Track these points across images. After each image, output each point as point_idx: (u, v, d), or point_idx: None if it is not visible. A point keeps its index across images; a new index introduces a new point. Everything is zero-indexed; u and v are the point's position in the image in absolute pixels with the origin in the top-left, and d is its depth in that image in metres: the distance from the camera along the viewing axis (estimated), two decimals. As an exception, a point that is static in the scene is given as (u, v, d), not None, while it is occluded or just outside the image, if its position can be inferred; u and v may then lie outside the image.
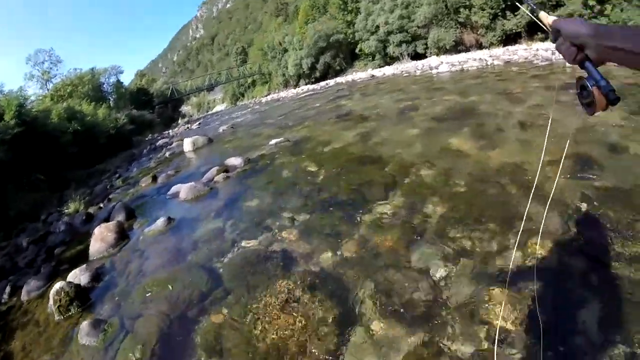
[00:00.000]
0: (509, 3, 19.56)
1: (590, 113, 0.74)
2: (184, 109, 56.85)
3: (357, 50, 31.21)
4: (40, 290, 3.55)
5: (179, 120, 43.88)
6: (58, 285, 2.99)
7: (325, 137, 6.70)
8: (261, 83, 48.40)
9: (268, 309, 2.17)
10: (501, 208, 2.69)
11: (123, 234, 4.25)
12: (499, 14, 20.92)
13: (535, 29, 18.94)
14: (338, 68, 33.89)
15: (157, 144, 16.50)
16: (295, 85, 37.81)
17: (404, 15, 25.24)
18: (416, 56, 25.49)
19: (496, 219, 2.55)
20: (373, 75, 23.23)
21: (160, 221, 4.16)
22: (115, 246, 4.03)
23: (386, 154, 4.67)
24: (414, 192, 3.30)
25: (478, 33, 22.52)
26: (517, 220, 2.46)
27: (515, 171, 3.28)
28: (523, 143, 4.01)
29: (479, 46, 22.39)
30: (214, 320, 2.26)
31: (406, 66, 22.67)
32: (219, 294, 2.51)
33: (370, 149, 5.17)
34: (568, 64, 0.77)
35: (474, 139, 4.49)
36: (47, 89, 30.60)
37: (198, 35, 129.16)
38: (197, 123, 27.77)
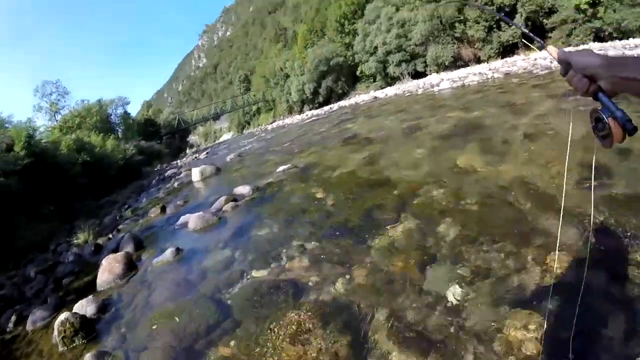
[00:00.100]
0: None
1: (607, 145, 0.71)
2: (192, 138, 57.98)
3: (358, 73, 31.70)
4: (46, 321, 3.53)
5: (186, 150, 44.68)
6: (63, 316, 2.96)
7: (333, 162, 6.70)
8: (266, 110, 49.27)
9: (278, 341, 2.09)
10: (515, 225, 2.61)
11: (131, 265, 4.23)
12: (494, 26, 21.17)
13: (531, 39, 19.12)
14: (340, 91, 34.35)
15: (166, 174, 16.69)
16: (300, 111, 38.39)
17: (401, 34, 25.62)
18: (416, 75, 25.86)
19: (510, 236, 2.47)
20: (376, 97, 23.50)
21: (168, 252, 4.12)
22: (123, 277, 4.00)
23: (394, 176, 4.63)
24: (424, 214, 3.23)
25: (475, 47, 22.86)
26: (532, 237, 2.38)
27: (525, 185, 3.21)
28: (531, 155, 3.96)
29: (477, 60, 22.67)
30: (222, 353, 2.19)
31: (407, 86, 22.94)
32: (228, 326, 2.44)
33: (378, 171, 5.14)
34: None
35: (481, 155, 4.45)
36: (56, 120, 31.47)
37: (201, 65, 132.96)
38: (205, 152, 28.21)
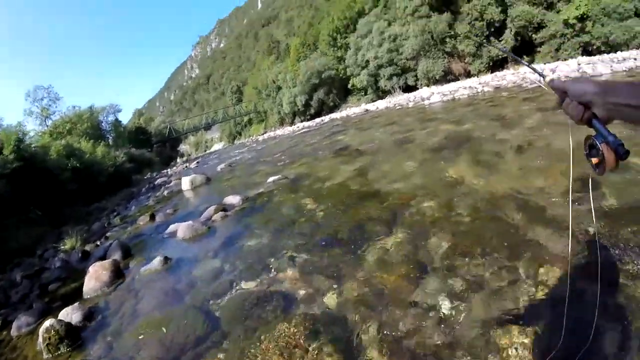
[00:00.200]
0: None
1: (601, 172, 0.71)
2: (183, 147, 57.64)
3: (350, 86, 32.03)
4: (31, 327, 3.45)
5: (177, 159, 44.37)
6: (48, 323, 2.88)
7: (324, 173, 6.70)
8: (257, 121, 49.39)
9: (267, 354, 2.03)
10: (506, 237, 2.62)
11: (118, 273, 4.15)
12: (484, 41, 21.67)
13: (521, 53, 19.64)
14: (332, 104, 34.65)
15: (156, 183, 16.57)
16: (291, 123, 38.56)
17: (392, 48, 26.06)
18: (407, 88, 26.25)
19: (501, 248, 2.48)
20: (367, 110, 23.80)
21: (156, 260, 4.05)
22: (110, 285, 3.92)
23: (385, 188, 4.63)
24: (416, 226, 3.23)
25: (465, 61, 23.34)
26: (524, 249, 2.39)
27: (516, 197, 3.24)
28: (522, 167, 4.02)
29: (468, 74, 23.12)
30: (210, 366, 2.12)
31: (398, 99, 23.25)
32: (216, 338, 2.38)
33: (369, 183, 5.15)
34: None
35: (472, 167, 4.50)
36: (47, 126, 31.24)
37: (194, 75, 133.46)
38: (196, 162, 28.05)
